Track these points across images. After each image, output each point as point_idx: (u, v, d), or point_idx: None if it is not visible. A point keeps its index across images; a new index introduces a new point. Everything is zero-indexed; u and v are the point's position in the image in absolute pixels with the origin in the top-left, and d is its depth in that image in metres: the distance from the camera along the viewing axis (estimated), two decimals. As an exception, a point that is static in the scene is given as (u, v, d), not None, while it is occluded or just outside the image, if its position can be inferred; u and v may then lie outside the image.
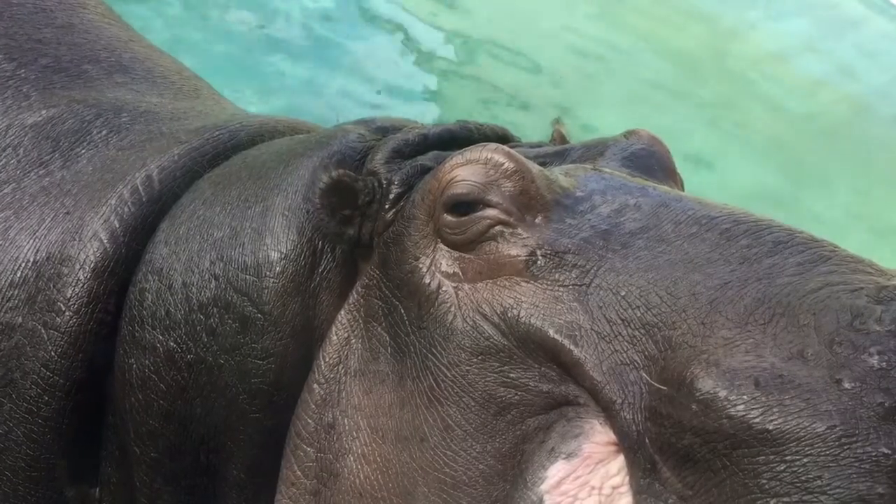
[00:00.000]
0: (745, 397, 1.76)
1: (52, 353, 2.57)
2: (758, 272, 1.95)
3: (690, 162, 6.26)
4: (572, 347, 2.01)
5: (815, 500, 1.68)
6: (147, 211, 2.68)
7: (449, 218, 2.23)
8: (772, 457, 1.72)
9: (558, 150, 2.56)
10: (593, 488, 1.94)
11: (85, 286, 2.59)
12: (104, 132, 2.96)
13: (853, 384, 1.72)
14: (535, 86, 7.34)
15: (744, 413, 1.76)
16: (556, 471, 1.98)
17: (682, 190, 2.50)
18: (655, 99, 7.37)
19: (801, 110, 7.40)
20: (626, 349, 1.96)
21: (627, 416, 1.92)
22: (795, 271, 1.93)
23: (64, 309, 2.58)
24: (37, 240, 2.70)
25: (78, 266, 2.61)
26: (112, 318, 2.60)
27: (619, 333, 1.98)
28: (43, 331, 2.59)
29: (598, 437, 1.97)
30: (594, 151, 2.50)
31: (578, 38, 7.81)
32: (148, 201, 2.69)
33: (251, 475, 2.48)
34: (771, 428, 1.73)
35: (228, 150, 2.84)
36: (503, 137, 2.67)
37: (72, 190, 2.79)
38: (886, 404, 1.69)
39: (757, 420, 1.74)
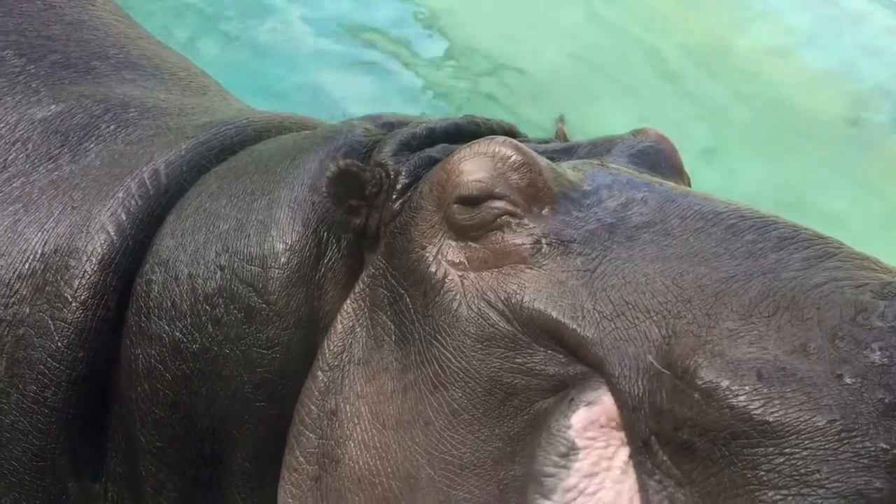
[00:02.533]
0: (747, 388, 1.77)
1: (59, 344, 2.59)
2: (763, 267, 1.95)
3: (692, 158, 6.25)
4: (575, 327, 2.02)
5: (812, 493, 1.68)
6: (154, 204, 2.69)
7: (457, 208, 2.25)
8: (771, 449, 1.73)
9: (565, 147, 2.57)
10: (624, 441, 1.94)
11: (92, 278, 2.61)
12: (112, 127, 2.98)
13: (854, 379, 1.72)
14: (535, 83, 7.33)
15: (745, 404, 1.76)
16: (580, 418, 1.97)
17: (690, 187, 2.50)
18: (656, 95, 7.36)
19: (803, 106, 7.38)
20: (627, 327, 1.97)
21: (625, 388, 1.92)
22: (800, 266, 1.93)
23: (71, 300, 2.60)
24: (45, 232, 2.71)
25: (85, 258, 2.62)
26: (118, 309, 2.61)
27: (623, 313, 1.99)
28: (50, 322, 2.60)
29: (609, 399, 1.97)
30: (601, 148, 2.51)
31: (578, 35, 7.79)
32: (155, 194, 2.70)
33: (256, 464, 2.49)
34: (771, 420, 1.74)
35: (235, 144, 2.85)
36: (510, 132, 2.66)
37: (80, 184, 2.80)
38: (886, 400, 1.70)
39: (758, 411, 1.75)
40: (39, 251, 2.69)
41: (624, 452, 1.92)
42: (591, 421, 1.96)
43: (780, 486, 1.71)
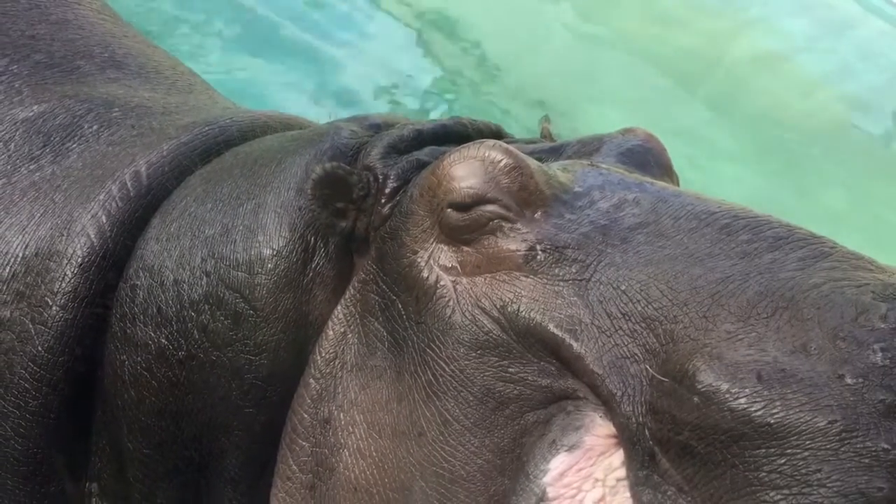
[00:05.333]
0: (747, 391, 1.76)
1: (39, 348, 2.57)
2: (759, 267, 1.94)
3: (689, 162, 6.27)
4: (573, 342, 2.01)
5: (814, 492, 1.68)
6: (135, 206, 2.67)
7: (448, 213, 2.23)
8: (772, 450, 1.72)
9: (553, 147, 2.55)
10: (597, 480, 1.93)
11: (71, 281, 2.58)
12: (95, 127, 2.95)
13: (855, 380, 1.72)
14: (533, 86, 7.33)
15: (746, 406, 1.75)
16: (559, 463, 1.97)
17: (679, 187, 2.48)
18: (653, 98, 7.37)
19: (800, 109, 7.40)
20: (626, 343, 1.96)
21: (627, 409, 1.91)
22: (797, 266, 1.92)
23: (51, 304, 2.57)
24: (26, 235, 2.69)
25: (65, 261, 2.60)
26: (101, 313, 2.59)
27: (620, 327, 1.98)
28: (31, 326, 2.58)
29: (598, 429, 1.96)
30: (590, 147, 2.49)
31: (575, 38, 7.80)
32: (136, 196, 2.68)
33: (246, 470, 2.47)
34: (772, 421, 1.73)
35: (220, 144, 2.83)
36: (497, 133, 2.66)
37: (61, 185, 2.78)
38: (888, 401, 1.69)
39: (759, 413, 1.74)
40: (20, 254, 2.67)
41: (595, 495, 1.92)
42: (571, 466, 1.96)
43: (782, 486, 1.70)
